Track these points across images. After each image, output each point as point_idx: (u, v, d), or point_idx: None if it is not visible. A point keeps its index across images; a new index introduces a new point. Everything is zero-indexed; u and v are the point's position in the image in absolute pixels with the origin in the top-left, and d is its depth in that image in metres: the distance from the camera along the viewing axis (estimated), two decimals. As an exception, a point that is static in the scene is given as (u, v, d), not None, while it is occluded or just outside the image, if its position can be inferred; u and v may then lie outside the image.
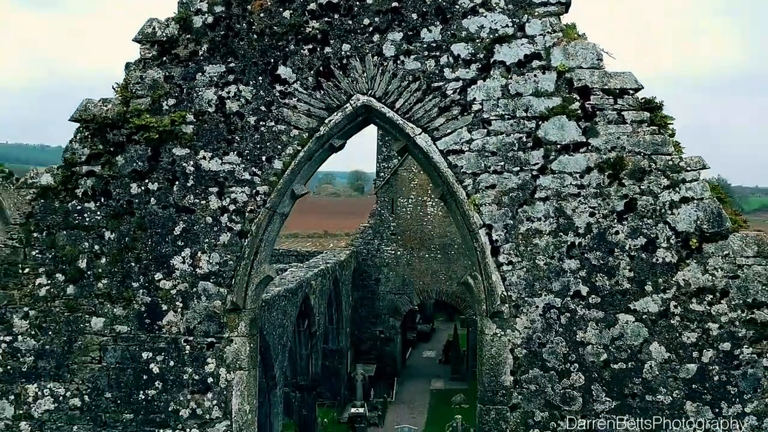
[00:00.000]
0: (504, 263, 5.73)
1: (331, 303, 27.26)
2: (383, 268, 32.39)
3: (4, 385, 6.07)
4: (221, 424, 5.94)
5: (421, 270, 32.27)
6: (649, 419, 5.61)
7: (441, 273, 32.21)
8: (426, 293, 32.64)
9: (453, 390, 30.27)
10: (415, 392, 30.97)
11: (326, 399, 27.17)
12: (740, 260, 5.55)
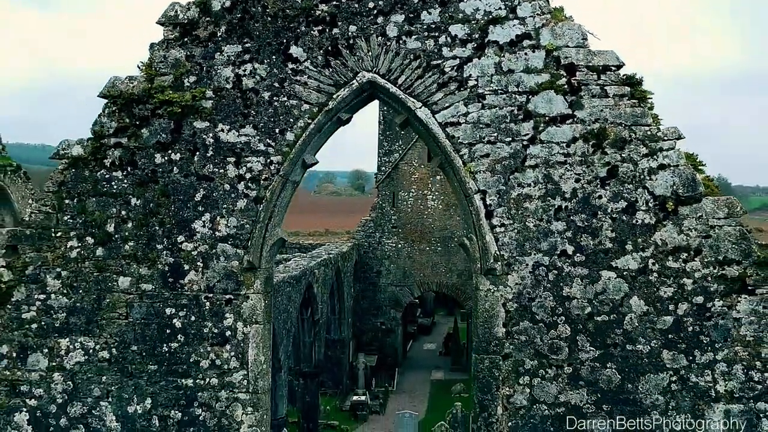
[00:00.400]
0: (497, 225, 6.27)
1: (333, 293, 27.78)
2: (384, 260, 32.91)
3: (38, 339, 6.61)
4: (238, 374, 6.48)
5: (421, 262, 32.80)
6: (629, 367, 6.15)
7: (441, 265, 32.73)
8: (426, 285, 33.17)
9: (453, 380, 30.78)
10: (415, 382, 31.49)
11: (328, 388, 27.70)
12: (712, 221, 6.08)
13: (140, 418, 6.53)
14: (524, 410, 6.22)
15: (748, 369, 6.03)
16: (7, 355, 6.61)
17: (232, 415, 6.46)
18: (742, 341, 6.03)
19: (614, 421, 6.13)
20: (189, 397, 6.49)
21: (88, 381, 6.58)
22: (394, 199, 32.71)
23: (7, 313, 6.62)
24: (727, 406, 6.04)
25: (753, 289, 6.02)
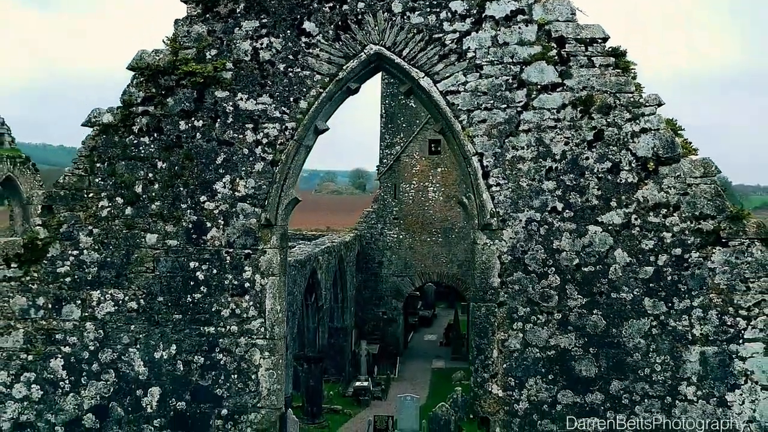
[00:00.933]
0: (493, 185, 6.85)
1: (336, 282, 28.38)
2: (386, 251, 33.51)
3: (72, 292, 7.20)
4: (256, 321, 7.07)
5: (422, 253, 33.41)
6: (614, 313, 6.73)
7: (442, 256, 33.34)
8: (427, 275, 33.78)
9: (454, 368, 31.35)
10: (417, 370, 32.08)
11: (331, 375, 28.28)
12: (690, 180, 6.67)
13: (166, 363, 7.12)
14: (517, 353, 6.81)
15: (722, 314, 6.61)
16: (43, 306, 7.20)
17: (251, 359, 7.05)
18: (716, 289, 6.61)
19: (599, 363, 6.71)
20: (211, 344, 7.08)
21: (117, 329, 7.16)
22: (395, 191, 33.33)
23: (43, 267, 7.20)
24: (703, 348, 6.62)
25: (726, 241, 6.60)
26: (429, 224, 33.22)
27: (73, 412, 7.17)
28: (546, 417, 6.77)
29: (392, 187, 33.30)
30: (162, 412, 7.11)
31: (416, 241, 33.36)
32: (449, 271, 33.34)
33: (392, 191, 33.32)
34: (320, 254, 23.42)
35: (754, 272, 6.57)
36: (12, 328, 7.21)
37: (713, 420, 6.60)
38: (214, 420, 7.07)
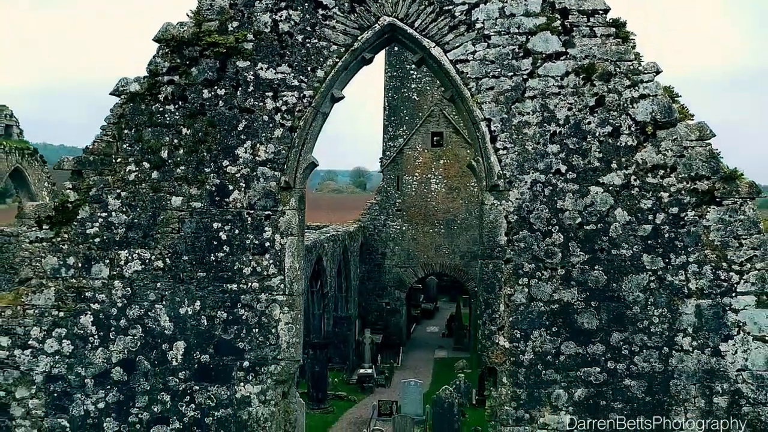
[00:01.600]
0: (500, 148, 7.26)
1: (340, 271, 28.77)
2: (389, 242, 33.90)
3: (101, 252, 7.60)
4: (276, 279, 7.48)
5: (425, 244, 33.80)
6: (614, 269, 7.13)
7: (444, 247, 33.74)
8: (430, 266, 34.17)
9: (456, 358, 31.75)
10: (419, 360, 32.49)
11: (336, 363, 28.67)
12: (686, 143, 7.07)
13: (190, 318, 7.52)
14: (523, 307, 7.22)
15: (716, 269, 7.01)
16: (73, 265, 7.60)
17: (271, 314, 7.46)
18: (711, 245, 7.01)
19: (600, 315, 7.12)
20: (233, 300, 7.49)
21: (144, 287, 7.57)
22: (398, 183, 33.71)
23: (73, 229, 7.60)
24: (698, 301, 7.03)
25: (720, 200, 7.00)
26: (432, 216, 33.61)
27: (102, 366, 7.57)
28: (550, 367, 7.17)
29: (395, 179, 33.69)
30: (187, 364, 7.52)
31: (419, 232, 33.75)
32: (452, 262, 33.73)
33: (395, 183, 33.71)
34: (326, 241, 23.82)
35: (747, 229, 6.97)
36: (44, 286, 7.61)
37: (708, 368, 7.00)
38: (237, 372, 7.47)
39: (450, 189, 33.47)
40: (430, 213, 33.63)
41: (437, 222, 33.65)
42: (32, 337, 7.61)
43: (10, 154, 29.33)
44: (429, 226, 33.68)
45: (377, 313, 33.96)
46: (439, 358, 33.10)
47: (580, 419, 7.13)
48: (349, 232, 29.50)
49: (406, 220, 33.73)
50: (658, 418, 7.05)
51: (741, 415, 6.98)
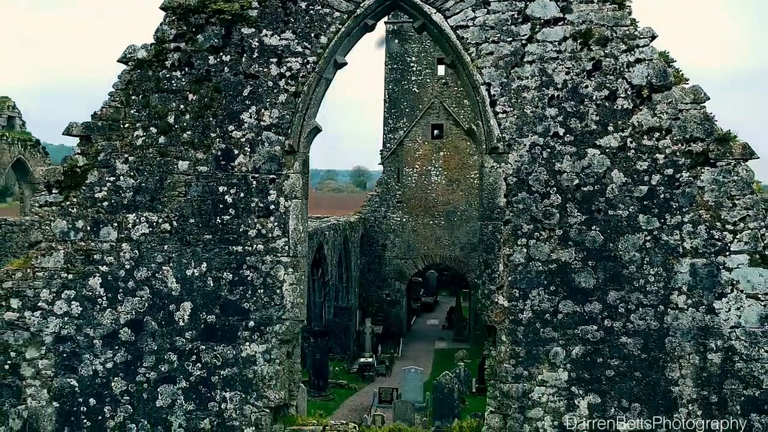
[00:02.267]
0: (500, 112, 7.43)
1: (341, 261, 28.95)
2: (389, 234, 34.09)
3: (109, 215, 7.77)
4: (281, 241, 7.65)
5: (425, 236, 34.00)
6: (611, 229, 7.31)
7: (444, 238, 33.93)
8: (430, 258, 34.36)
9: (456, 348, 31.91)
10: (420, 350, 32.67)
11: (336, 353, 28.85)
12: (681, 106, 7.24)
13: (197, 279, 7.69)
14: (521, 267, 7.39)
15: (710, 229, 7.18)
16: (82, 228, 7.77)
17: (276, 275, 7.63)
18: (705, 206, 7.18)
19: (597, 275, 7.29)
20: (239, 261, 7.66)
21: (151, 249, 7.74)
22: (398, 175, 33.91)
23: (82, 193, 7.78)
24: (693, 260, 7.20)
25: (714, 161, 7.17)
26: (432, 207, 33.81)
27: (110, 326, 7.74)
28: (548, 325, 7.34)
29: (395, 171, 33.90)
30: (193, 325, 7.69)
31: (419, 224, 33.95)
32: (452, 254, 33.93)
33: (395, 175, 33.91)
34: (327, 229, 24.01)
35: (740, 190, 7.14)
36: (53, 249, 7.78)
37: (702, 326, 7.17)
38: (242, 331, 7.65)
39: (450, 181, 33.65)
40: (430, 205, 33.83)
41: (437, 214, 33.84)
42: (42, 299, 7.78)
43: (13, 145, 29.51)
44: (429, 218, 33.88)
45: (378, 304, 34.14)
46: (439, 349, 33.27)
47: (578, 376, 7.29)
48: (350, 222, 29.68)
49: (407, 211, 33.92)
50: (653, 374, 7.21)
51: (734, 371, 7.14)
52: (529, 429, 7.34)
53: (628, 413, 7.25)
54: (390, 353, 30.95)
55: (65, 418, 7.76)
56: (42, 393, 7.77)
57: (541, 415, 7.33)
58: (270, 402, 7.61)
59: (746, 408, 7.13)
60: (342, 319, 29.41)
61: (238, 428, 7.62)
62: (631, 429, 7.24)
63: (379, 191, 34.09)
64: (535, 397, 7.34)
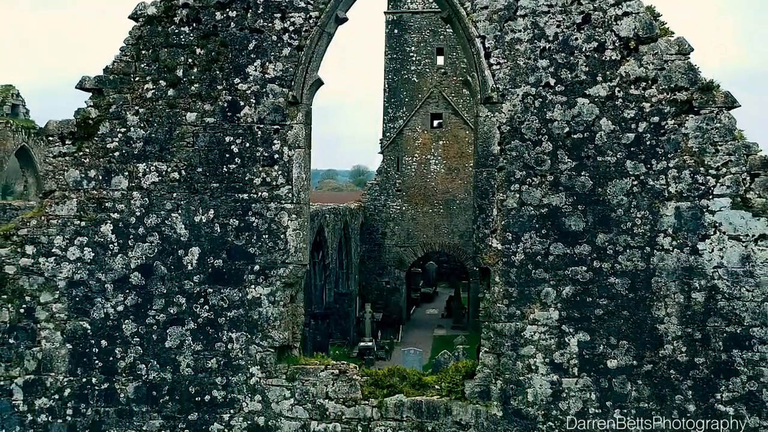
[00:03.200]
0: (494, 64, 7.78)
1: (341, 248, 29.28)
2: (389, 222, 34.43)
3: (120, 165, 8.12)
4: (284, 188, 7.99)
5: (424, 224, 34.36)
6: (600, 174, 7.65)
7: (443, 227, 34.29)
8: (429, 246, 34.72)
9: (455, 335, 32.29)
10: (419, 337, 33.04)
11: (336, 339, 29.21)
12: (666, 57, 7.58)
13: (204, 225, 8.04)
14: (514, 211, 7.74)
15: (694, 174, 7.53)
16: (94, 178, 8.12)
17: (280, 221, 7.98)
18: (689, 151, 7.53)
19: (586, 218, 7.64)
20: (244, 208, 8.00)
21: (161, 197, 8.09)
22: (398, 164, 34.27)
23: (94, 144, 8.12)
24: (677, 203, 7.54)
25: (698, 109, 7.52)
26: (431, 196, 34.17)
27: (121, 271, 8.09)
28: (539, 267, 7.69)
29: (395, 160, 34.25)
30: (201, 269, 8.04)
31: (418, 212, 34.32)
32: (451, 242, 34.29)
33: (395, 164, 34.27)
34: (327, 213, 24.34)
35: (722, 136, 7.49)
36: (66, 198, 8.13)
37: (686, 266, 7.52)
38: (248, 275, 7.99)
39: (449, 169, 34.01)
40: (429, 193, 34.20)
41: (436, 202, 34.21)
42: (55, 245, 8.13)
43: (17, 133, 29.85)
44: (428, 206, 34.24)
45: (377, 292, 34.50)
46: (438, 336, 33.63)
47: (568, 315, 7.64)
48: (350, 209, 30.03)
49: (406, 200, 34.28)
50: (640, 313, 7.56)
51: (717, 309, 7.49)
52: (522, 366, 7.69)
53: (616, 350, 7.60)
54: (390, 339, 31.30)
55: (78, 359, 8.10)
56: (56, 335, 8.12)
57: (533, 353, 7.68)
58: (274, 342, 7.96)
59: (728, 344, 7.47)
60: (342, 305, 29.77)
61: (244, 367, 7.97)
62: (619, 365, 7.59)
63: (379, 180, 34.44)
64: (527, 336, 7.69)
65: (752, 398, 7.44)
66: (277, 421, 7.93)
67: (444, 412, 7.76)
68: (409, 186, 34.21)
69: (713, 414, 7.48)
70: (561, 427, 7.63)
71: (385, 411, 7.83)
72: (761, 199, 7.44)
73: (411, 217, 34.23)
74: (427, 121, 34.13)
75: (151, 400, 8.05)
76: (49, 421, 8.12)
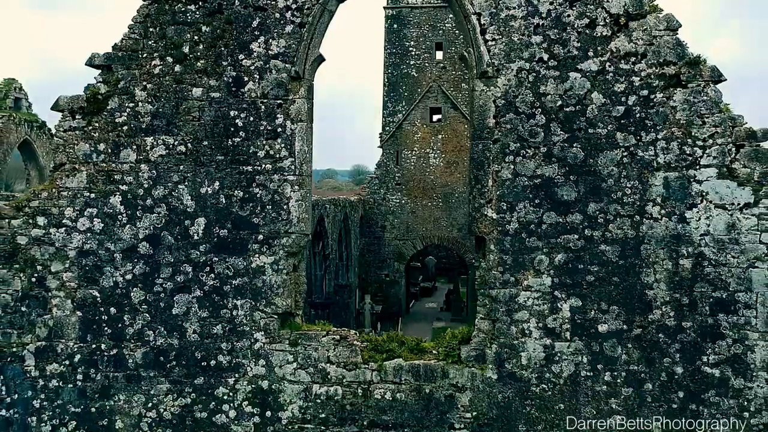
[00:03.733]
0: (489, 40, 8.07)
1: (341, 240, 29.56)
2: (389, 215, 34.72)
3: (128, 138, 8.41)
4: (287, 161, 8.29)
5: (424, 217, 34.63)
6: (591, 146, 7.95)
7: (442, 220, 34.56)
8: (428, 239, 35.00)
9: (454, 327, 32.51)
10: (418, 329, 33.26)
11: (337, 330, 29.37)
12: (655, 33, 7.88)
13: (210, 197, 8.33)
14: (509, 182, 8.03)
15: (682, 145, 7.82)
16: (103, 151, 8.41)
17: (283, 192, 8.27)
18: (677, 124, 7.83)
19: (578, 188, 7.94)
20: (249, 180, 8.30)
21: (168, 170, 8.38)
22: (397, 158, 34.56)
23: (103, 118, 8.42)
24: (666, 173, 7.84)
25: (686, 83, 7.81)
26: (430, 189, 34.46)
27: (129, 241, 8.38)
28: (533, 235, 7.99)
29: (395, 153, 34.54)
30: (207, 238, 8.33)
31: (417, 205, 34.60)
32: (449, 235, 34.57)
33: (395, 158, 34.56)
34: (327, 203, 24.63)
35: (709, 109, 7.78)
36: (77, 170, 8.42)
37: (674, 234, 7.82)
38: (252, 244, 8.29)
39: (448, 163, 34.30)
40: (428, 187, 34.48)
41: (435, 195, 34.49)
42: (66, 216, 8.42)
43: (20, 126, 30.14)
44: (427, 200, 34.52)
45: (377, 284, 34.76)
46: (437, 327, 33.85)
47: (560, 281, 7.94)
48: (350, 201, 30.31)
49: (405, 193, 34.57)
50: (630, 279, 7.86)
51: (704, 275, 7.79)
52: (516, 330, 7.99)
53: (606, 315, 7.89)
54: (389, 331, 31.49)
55: (88, 326, 8.40)
56: (66, 303, 8.41)
57: (526, 318, 7.98)
58: (278, 309, 8.26)
59: (714, 309, 7.77)
60: (342, 296, 30.04)
61: (249, 333, 8.26)
62: (609, 329, 7.89)
63: (379, 174, 34.72)
64: (521, 301, 7.99)
65: (737, 360, 7.73)
66: (281, 384, 8.22)
67: (441, 375, 8.06)
68: (408, 179, 34.49)
69: (700, 375, 7.77)
70: (554, 389, 7.93)
71: (385, 374, 8.12)
72: (746, 169, 7.74)
73: (410, 210, 34.51)
74: (426, 115, 34.42)
75: (159, 365, 8.34)
76: (60, 385, 8.41)
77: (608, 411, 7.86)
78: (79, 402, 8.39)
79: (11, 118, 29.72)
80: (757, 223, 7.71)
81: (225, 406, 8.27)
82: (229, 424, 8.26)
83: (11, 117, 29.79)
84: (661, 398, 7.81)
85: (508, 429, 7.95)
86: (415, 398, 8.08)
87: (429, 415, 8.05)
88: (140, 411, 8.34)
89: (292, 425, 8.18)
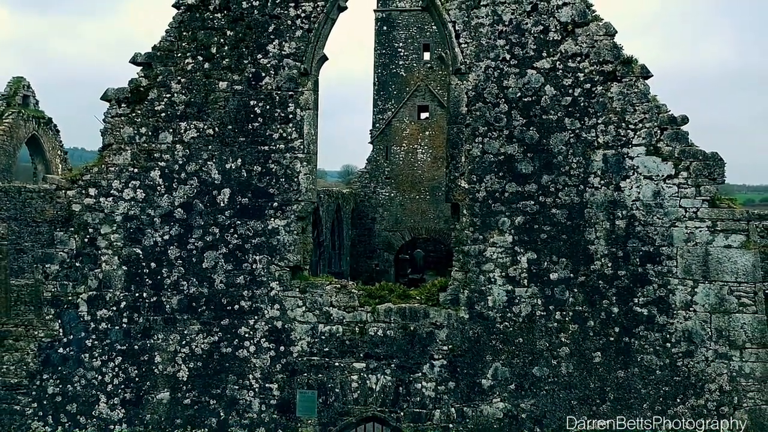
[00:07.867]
0: (462, 43, 9.92)
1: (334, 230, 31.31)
2: (378, 208, 36.48)
3: (165, 123, 10.19)
4: (297, 141, 10.10)
5: (412, 210, 36.44)
6: (544, 129, 9.81)
7: (430, 212, 36.39)
8: (417, 230, 36.81)
9: (440, 313, 34.27)
10: (407, 315, 35.01)
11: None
12: (596, 37, 9.76)
13: (234, 171, 10.14)
14: (478, 158, 9.88)
15: (617, 128, 9.70)
16: (144, 134, 10.19)
17: (294, 167, 10.08)
18: (614, 111, 9.70)
19: (534, 163, 9.80)
20: (265, 158, 10.10)
21: (199, 149, 10.17)
22: (387, 153, 36.34)
23: (144, 107, 10.20)
24: (605, 151, 9.71)
25: (620, 78, 9.69)
26: (418, 183, 36.28)
27: (166, 208, 10.17)
28: (497, 201, 9.84)
29: (384, 149, 36.33)
30: (231, 205, 10.13)
31: (406, 198, 36.40)
32: (436, 226, 36.41)
33: (384, 153, 36.35)
34: (321, 192, 26.38)
35: (639, 99, 9.66)
36: (122, 149, 10.20)
37: (612, 200, 9.69)
38: (268, 210, 10.09)
39: (435, 158, 36.14)
40: (416, 181, 36.29)
41: (423, 189, 36.32)
42: (113, 187, 10.20)
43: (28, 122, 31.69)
44: (415, 193, 36.33)
45: (367, 273, 36.46)
46: (425, 314, 35.51)
47: (520, 239, 9.80)
48: (343, 193, 32.06)
49: (395, 187, 36.35)
50: (576, 236, 9.72)
51: (635, 233, 9.67)
52: (483, 279, 9.84)
53: (557, 266, 9.75)
54: (379, 316, 33.21)
55: (131, 278, 10.17)
56: (113, 259, 10.18)
57: (492, 269, 9.83)
58: (290, 263, 10.07)
59: (643, 260, 9.65)
60: (335, 283, 31.66)
61: (266, 283, 10.06)
62: (559, 277, 9.75)
63: (369, 168, 36.48)
64: (488, 255, 9.84)
65: (661, 302, 9.62)
66: (292, 324, 10.04)
67: (423, 315, 9.90)
68: (397, 174, 36.26)
69: (632, 314, 9.65)
70: (514, 326, 9.79)
71: (377, 315, 9.95)
72: (668, 147, 9.62)
73: (399, 203, 36.29)
74: (415, 113, 36.23)
75: (191, 309, 10.13)
76: (108, 328, 10.18)
77: (558, 343, 9.73)
78: (125, 341, 10.16)
79: (20, 114, 31.27)
80: (677, 191, 9.60)
81: (246, 343, 10.08)
82: (249, 357, 10.06)
83: (20, 113, 31.34)
84: (601, 333, 9.68)
85: (478, 359, 9.80)
86: (402, 334, 9.91)
87: (413, 348, 9.89)
88: (175, 348, 10.12)
89: (301, 357, 10.00)
